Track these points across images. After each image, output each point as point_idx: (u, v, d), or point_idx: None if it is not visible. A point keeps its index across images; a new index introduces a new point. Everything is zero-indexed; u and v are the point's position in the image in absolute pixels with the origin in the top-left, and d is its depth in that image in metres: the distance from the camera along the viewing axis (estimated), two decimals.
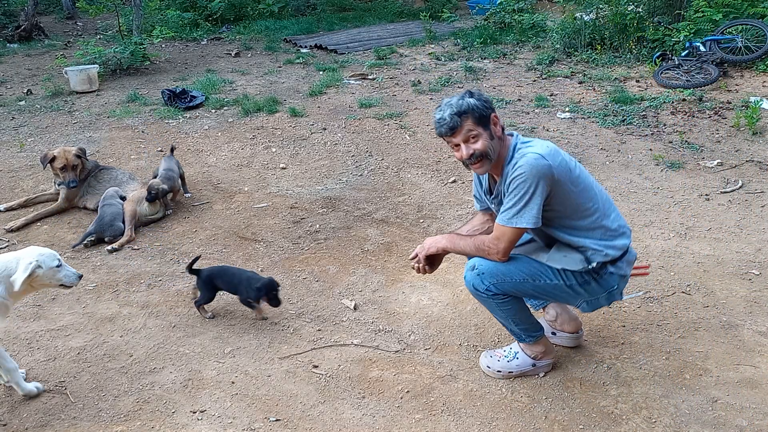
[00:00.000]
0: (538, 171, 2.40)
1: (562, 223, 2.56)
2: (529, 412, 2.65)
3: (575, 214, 2.54)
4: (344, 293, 3.63)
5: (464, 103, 2.50)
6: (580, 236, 2.55)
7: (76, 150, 4.67)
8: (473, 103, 2.49)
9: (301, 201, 4.83)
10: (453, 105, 2.51)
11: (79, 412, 2.69)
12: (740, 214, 4.43)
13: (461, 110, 2.49)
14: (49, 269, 2.66)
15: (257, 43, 10.56)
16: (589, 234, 2.55)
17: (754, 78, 7.24)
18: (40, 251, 2.67)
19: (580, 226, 2.55)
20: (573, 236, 2.56)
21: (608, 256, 2.55)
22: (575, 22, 9.02)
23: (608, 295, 2.64)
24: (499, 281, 2.58)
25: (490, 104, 2.55)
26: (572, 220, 2.54)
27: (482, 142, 2.50)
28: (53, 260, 2.68)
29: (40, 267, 2.61)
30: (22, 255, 2.63)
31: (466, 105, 2.49)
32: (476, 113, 2.49)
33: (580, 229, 2.55)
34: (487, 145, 2.51)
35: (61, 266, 2.71)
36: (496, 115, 2.56)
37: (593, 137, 5.92)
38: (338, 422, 2.63)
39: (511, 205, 2.46)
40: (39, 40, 11.13)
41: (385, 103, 6.91)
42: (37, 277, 2.62)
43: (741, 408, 2.62)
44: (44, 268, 2.63)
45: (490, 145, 2.51)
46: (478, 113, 2.49)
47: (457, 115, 2.49)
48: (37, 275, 2.61)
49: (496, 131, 2.54)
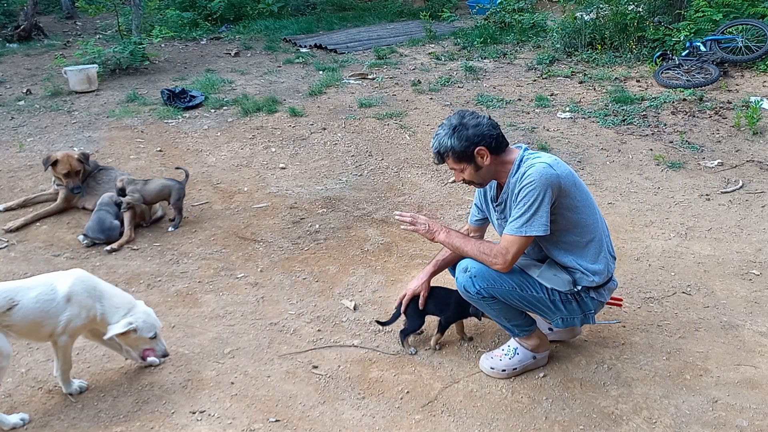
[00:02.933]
0: (546, 179, 2.45)
1: (561, 238, 2.60)
2: (529, 413, 2.64)
3: (576, 229, 2.59)
4: (344, 293, 3.62)
5: (443, 144, 2.59)
6: (574, 254, 2.62)
7: (78, 155, 4.65)
8: (451, 145, 2.57)
9: (301, 201, 4.82)
10: (434, 143, 2.63)
11: (78, 412, 2.69)
12: (741, 214, 4.43)
13: (440, 151, 2.62)
14: (142, 338, 2.74)
15: (257, 42, 10.55)
16: (583, 253, 2.61)
17: (754, 78, 7.24)
18: (146, 318, 2.74)
19: (577, 242, 2.61)
20: (567, 254, 2.62)
21: (593, 282, 2.64)
22: (575, 21, 9.01)
23: (584, 316, 2.73)
24: (489, 286, 2.63)
25: (475, 138, 2.54)
26: (571, 235, 2.59)
27: (467, 174, 2.63)
28: (150, 332, 2.75)
29: (135, 331, 2.70)
30: (136, 308, 2.74)
31: (443, 147, 2.59)
32: (456, 153, 2.58)
33: (576, 245, 2.61)
34: (473, 176, 2.63)
35: (155, 339, 2.78)
36: (484, 147, 2.55)
37: (593, 137, 5.92)
38: (338, 423, 2.62)
39: (520, 214, 2.50)
40: (38, 39, 11.12)
41: (385, 103, 6.90)
42: (128, 337, 2.71)
43: (741, 408, 2.62)
44: (138, 334, 2.72)
45: (476, 175, 2.62)
46: (458, 153, 2.57)
47: (437, 155, 2.64)
48: (129, 337, 2.71)
49: (484, 162, 2.59)
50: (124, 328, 2.65)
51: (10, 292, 2.55)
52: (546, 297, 2.65)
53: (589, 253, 2.62)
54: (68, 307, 2.61)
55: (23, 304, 2.54)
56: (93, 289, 2.69)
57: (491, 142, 2.56)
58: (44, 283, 2.64)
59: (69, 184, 4.57)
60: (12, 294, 2.54)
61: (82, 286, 2.66)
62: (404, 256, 4.04)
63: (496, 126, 2.61)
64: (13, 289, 2.57)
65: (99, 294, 2.70)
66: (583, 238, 2.60)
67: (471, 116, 2.59)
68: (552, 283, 2.64)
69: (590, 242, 2.62)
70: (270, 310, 3.42)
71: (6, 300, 2.52)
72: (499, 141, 2.58)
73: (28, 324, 2.56)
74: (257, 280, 3.76)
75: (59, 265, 3.95)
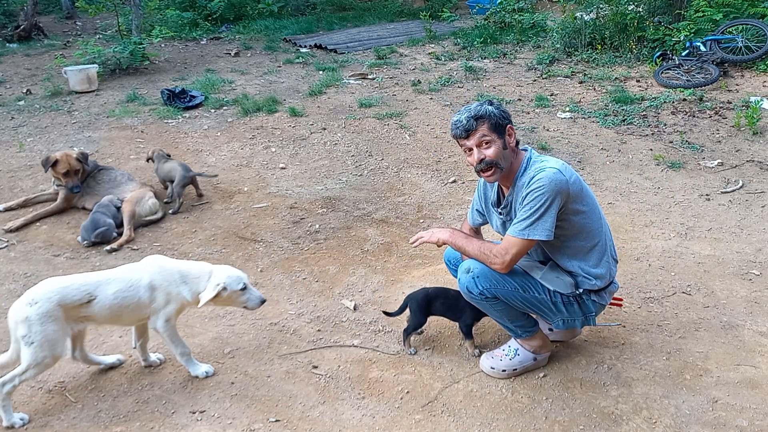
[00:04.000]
0: (556, 185, 2.45)
1: (566, 243, 2.61)
2: (529, 413, 2.64)
3: (581, 233, 2.60)
4: (344, 293, 3.62)
5: (482, 108, 2.57)
6: (577, 259, 2.62)
7: (77, 154, 4.65)
8: (491, 110, 2.57)
9: (301, 201, 4.82)
10: (471, 109, 2.58)
11: (78, 412, 2.69)
12: (741, 214, 4.43)
13: (478, 114, 2.56)
14: (233, 292, 2.74)
15: (257, 42, 10.55)
16: (586, 257, 2.62)
17: (754, 78, 7.24)
18: (229, 273, 2.76)
19: (581, 247, 2.61)
20: (571, 258, 2.63)
21: (595, 286, 2.66)
22: (575, 21, 9.01)
23: (585, 318, 2.74)
24: (491, 286, 2.63)
25: (508, 116, 2.62)
26: (576, 240, 2.60)
27: (494, 149, 2.56)
28: (238, 284, 2.76)
29: (225, 289, 2.71)
30: (214, 271, 2.75)
31: (483, 110, 2.57)
32: (493, 120, 2.55)
33: (580, 250, 2.62)
34: (499, 154, 2.57)
35: (246, 289, 2.79)
36: (513, 127, 2.62)
37: (593, 137, 5.92)
38: (338, 423, 2.62)
39: (525, 217, 2.50)
40: (38, 39, 11.12)
41: (385, 103, 6.90)
42: (221, 298, 2.72)
43: (741, 408, 2.62)
44: (228, 291, 2.72)
45: (502, 154, 2.57)
46: (495, 120, 2.56)
47: (474, 119, 2.56)
48: (222, 297, 2.72)
49: (510, 142, 2.60)
50: (215, 291, 2.68)
51: (89, 287, 2.64)
52: (548, 299, 2.66)
53: (592, 258, 2.63)
54: (155, 298, 2.70)
55: (101, 299, 2.64)
56: (173, 274, 2.73)
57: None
58: (123, 278, 2.70)
59: (68, 183, 4.57)
60: (91, 288, 2.64)
61: (161, 276, 2.72)
62: (404, 256, 4.04)
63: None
64: (93, 283, 2.66)
65: (181, 277, 2.74)
66: (587, 243, 2.61)
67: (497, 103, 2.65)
68: (554, 285, 2.64)
69: (594, 247, 2.63)
70: (270, 310, 3.42)
71: (84, 294, 2.62)
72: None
73: (108, 316, 2.68)
74: (257, 280, 3.76)
75: (59, 265, 3.96)
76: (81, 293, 2.61)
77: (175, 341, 2.82)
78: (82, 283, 2.65)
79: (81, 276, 2.73)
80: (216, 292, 2.68)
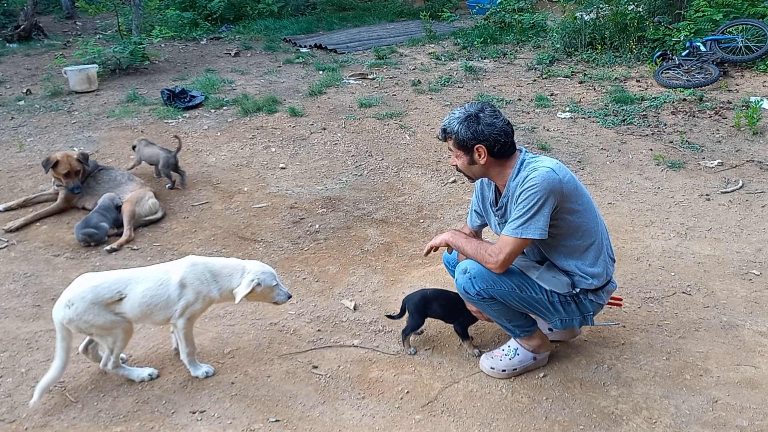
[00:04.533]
0: (549, 184, 2.45)
1: (561, 242, 2.61)
2: (529, 413, 2.64)
3: (576, 233, 2.59)
4: (344, 293, 3.62)
5: (451, 125, 2.60)
6: (573, 258, 2.62)
7: (78, 155, 4.65)
8: (457, 131, 2.57)
9: (301, 201, 4.82)
10: (446, 121, 2.63)
11: (78, 412, 2.69)
12: (741, 214, 4.43)
13: (446, 129, 2.63)
14: (267, 287, 2.78)
15: (257, 42, 10.55)
16: (582, 257, 2.62)
17: (754, 78, 7.24)
18: (262, 269, 2.79)
19: (577, 246, 2.61)
20: (567, 258, 2.63)
21: (592, 285, 2.65)
22: (575, 21, 9.02)
23: (582, 318, 2.74)
24: (488, 286, 2.63)
25: (481, 136, 2.53)
26: (572, 239, 2.60)
27: (460, 162, 2.65)
28: (272, 280, 2.80)
29: (259, 285, 2.75)
30: (247, 267, 2.79)
31: (450, 128, 2.60)
32: (459, 139, 2.59)
33: (576, 249, 2.61)
34: (465, 167, 2.65)
35: (276, 285, 2.83)
36: (485, 147, 2.54)
37: (593, 137, 5.92)
38: (338, 423, 2.62)
39: (518, 216, 2.50)
40: (38, 39, 11.12)
41: (385, 103, 6.90)
42: (254, 294, 2.76)
43: (741, 408, 2.62)
44: (263, 286, 2.76)
45: (468, 168, 2.64)
46: (461, 140, 2.58)
47: (443, 131, 2.65)
48: (255, 292, 2.75)
49: (479, 160, 2.59)
50: (249, 287, 2.71)
51: (119, 285, 2.68)
52: (545, 298, 2.66)
53: (588, 257, 2.62)
54: (184, 295, 2.71)
55: (131, 297, 2.68)
56: (205, 273, 2.75)
57: (494, 146, 2.54)
58: (153, 276, 2.73)
59: (69, 184, 4.57)
60: (121, 287, 2.69)
61: (193, 274, 2.74)
62: (404, 256, 4.04)
63: (509, 134, 2.56)
64: (123, 280, 2.71)
65: (212, 276, 2.76)
66: (583, 242, 2.61)
67: (490, 114, 2.56)
68: (551, 285, 2.64)
69: (590, 246, 2.62)
70: (270, 310, 3.42)
71: (114, 292, 2.67)
72: (503, 148, 2.55)
73: (138, 313, 2.71)
74: None
75: (59, 265, 3.96)
76: (112, 291, 2.67)
77: (188, 340, 2.83)
78: (114, 281, 2.70)
79: (114, 273, 2.78)
80: (251, 288, 2.71)
